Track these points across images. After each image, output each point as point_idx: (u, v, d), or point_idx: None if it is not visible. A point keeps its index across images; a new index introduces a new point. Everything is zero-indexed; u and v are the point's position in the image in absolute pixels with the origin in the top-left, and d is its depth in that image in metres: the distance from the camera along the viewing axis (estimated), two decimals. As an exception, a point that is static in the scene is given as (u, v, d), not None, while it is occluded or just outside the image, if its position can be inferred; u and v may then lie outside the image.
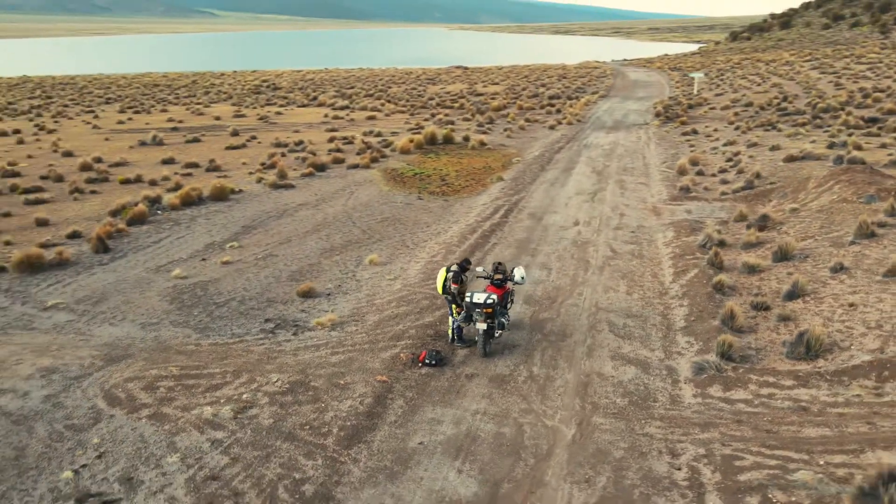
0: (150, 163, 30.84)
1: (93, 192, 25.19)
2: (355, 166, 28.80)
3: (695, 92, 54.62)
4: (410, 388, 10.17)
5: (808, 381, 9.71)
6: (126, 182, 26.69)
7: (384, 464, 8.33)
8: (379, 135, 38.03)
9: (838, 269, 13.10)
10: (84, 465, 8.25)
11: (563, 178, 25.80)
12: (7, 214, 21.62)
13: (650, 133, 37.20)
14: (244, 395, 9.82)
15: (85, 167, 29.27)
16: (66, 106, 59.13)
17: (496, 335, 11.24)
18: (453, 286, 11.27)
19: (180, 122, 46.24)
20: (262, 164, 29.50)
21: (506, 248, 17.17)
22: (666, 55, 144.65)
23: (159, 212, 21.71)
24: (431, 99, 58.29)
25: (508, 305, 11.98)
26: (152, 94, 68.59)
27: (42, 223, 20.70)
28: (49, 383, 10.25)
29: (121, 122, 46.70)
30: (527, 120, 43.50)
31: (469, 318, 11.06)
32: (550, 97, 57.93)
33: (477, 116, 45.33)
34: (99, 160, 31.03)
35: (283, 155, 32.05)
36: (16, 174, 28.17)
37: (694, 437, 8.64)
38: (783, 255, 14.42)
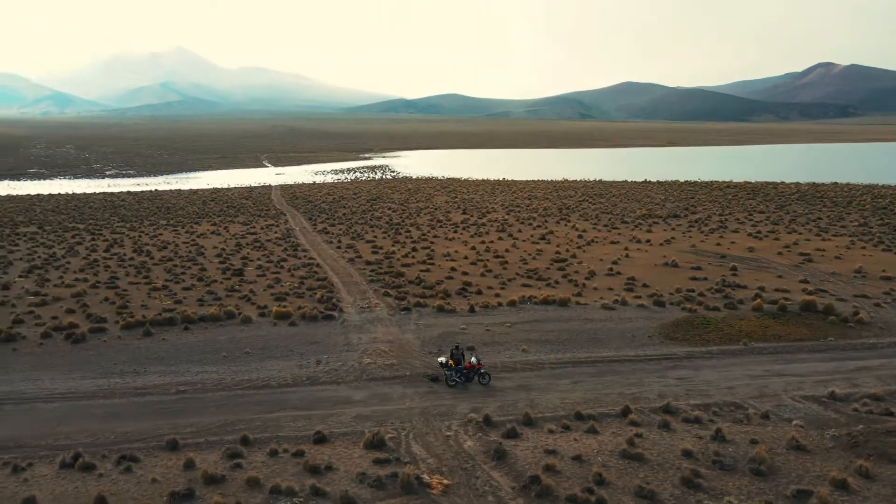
0: (625, 276, 42.63)
1: (528, 285, 41.21)
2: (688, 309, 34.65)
3: None
4: (408, 380, 23.11)
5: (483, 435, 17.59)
6: (572, 282, 41.16)
7: (365, 383, 22.47)
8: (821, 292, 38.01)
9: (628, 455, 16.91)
10: (328, 356, 25.66)
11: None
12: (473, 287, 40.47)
13: None
14: (381, 359, 25.08)
15: (605, 272, 45.40)
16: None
17: (451, 381, 22.20)
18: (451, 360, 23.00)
19: (727, 250, 51.26)
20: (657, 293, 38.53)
21: (589, 370, 24.45)
22: None
23: (527, 304, 36.30)
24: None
25: (485, 373, 22.40)
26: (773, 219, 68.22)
27: (478, 293, 38.46)
28: (359, 338, 28.07)
29: (700, 241, 55.49)
30: None
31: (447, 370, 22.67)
32: None
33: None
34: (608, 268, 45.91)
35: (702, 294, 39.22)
36: (526, 263, 46.72)
37: (416, 425, 18.88)
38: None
